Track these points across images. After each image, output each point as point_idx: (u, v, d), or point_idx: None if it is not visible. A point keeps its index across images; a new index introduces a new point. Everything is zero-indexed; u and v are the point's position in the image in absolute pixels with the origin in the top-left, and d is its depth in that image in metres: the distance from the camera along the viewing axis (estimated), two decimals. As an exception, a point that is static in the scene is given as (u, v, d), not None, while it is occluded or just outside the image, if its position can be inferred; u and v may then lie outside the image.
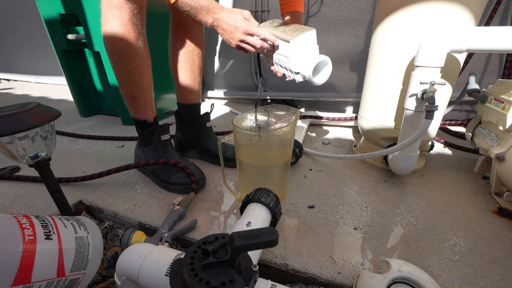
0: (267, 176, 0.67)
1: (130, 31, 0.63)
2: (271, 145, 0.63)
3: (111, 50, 0.65)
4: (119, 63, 0.67)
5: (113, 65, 0.68)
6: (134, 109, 0.75)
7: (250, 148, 0.64)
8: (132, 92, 0.71)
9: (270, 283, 0.39)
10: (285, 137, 0.62)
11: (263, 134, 0.63)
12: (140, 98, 0.73)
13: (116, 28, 0.62)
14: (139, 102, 0.73)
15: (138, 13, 0.63)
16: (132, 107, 0.74)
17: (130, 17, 0.62)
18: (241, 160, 0.66)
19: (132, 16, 0.62)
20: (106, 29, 0.63)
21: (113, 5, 0.60)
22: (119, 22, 0.62)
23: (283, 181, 0.70)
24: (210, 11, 0.61)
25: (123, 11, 0.61)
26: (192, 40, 0.82)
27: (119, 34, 0.62)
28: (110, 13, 0.61)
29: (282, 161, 0.65)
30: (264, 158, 0.64)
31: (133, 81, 0.69)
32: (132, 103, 0.73)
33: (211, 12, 0.62)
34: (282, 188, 0.71)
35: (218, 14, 0.62)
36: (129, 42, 0.64)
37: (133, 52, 0.65)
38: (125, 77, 0.69)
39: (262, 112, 0.68)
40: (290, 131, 0.62)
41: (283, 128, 0.59)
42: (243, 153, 0.65)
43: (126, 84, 0.70)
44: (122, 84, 0.70)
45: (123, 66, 0.67)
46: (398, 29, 0.74)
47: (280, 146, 0.64)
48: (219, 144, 0.63)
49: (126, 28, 0.62)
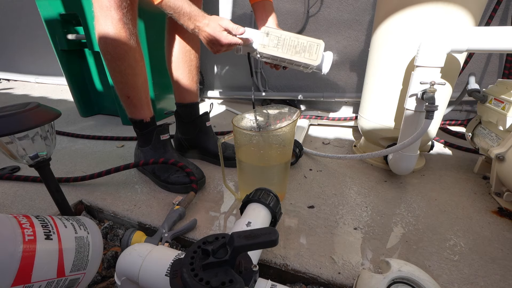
0: (267, 176, 0.67)
1: (121, 31, 0.63)
2: (271, 145, 0.63)
3: (104, 51, 0.65)
4: (112, 64, 0.67)
5: (107, 65, 0.68)
6: (130, 109, 0.75)
7: (250, 148, 0.64)
8: (127, 92, 0.71)
9: (270, 283, 0.39)
10: (285, 137, 0.62)
11: (263, 134, 0.63)
12: (135, 98, 0.73)
13: (107, 28, 0.62)
14: (134, 102, 0.73)
15: (128, 12, 0.63)
16: (128, 107, 0.75)
17: (120, 16, 0.62)
18: (241, 160, 0.66)
19: (122, 16, 0.62)
20: (98, 30, 0.63)
21: (103, 6, 0.60)
22: (110, 23, 0.62)
23: (283, 181, 0.70)
24: (191, 18, 0.63)
25: (113, 12, 0.61)
26: (189, 40, 0.82)
27: (110, 34, 0.63)
28: (101, 14, 0.62)
29: (282, 161, 0.65)
30: (264, 158, 0.64)
31: (126, 81, 0.70)
32: (128, 103, 0.73)
33: (193, 19, 0.63)
34: (282, 188, 0.71)
35: (199, 21, 0.63)
36: (121, 42, 0.64)
37: (125, 52, 0.66)
38: (118, 77, 0.69)
39: (262, 112, 0.69)
40: (290, 131, 0.61)
41: (283, 128, 0.59)
42: (243, 153, 0.65)
43: (120, 84, 0.70)
44: (117, 85, 0.71)
45: (116, 67, 0.67)
46: (398, 29, 0.74)
47: (280, 146, 0.64)
48: (219, 144, 0.63)
49: (117, 28, 0.63)
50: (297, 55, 0.66)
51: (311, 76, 1.50)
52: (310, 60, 0.67)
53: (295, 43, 0.66)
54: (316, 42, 0.66)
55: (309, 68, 0.70)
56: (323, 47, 0.66)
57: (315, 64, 0.67)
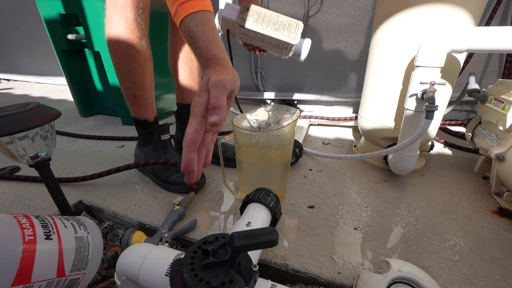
0: (267, 176, 0.66)
1: (135, 31, 0.63)
2: (271, 145, 0.63)
3: (114, 50, 0.65)
4: (122, 62, 0.67)
5: (116, 64, 0.68)
6: (135, 108, 0.75)
7: (250, 148, 0.64)
8: (134, 92, 0.71)
9: (270, 283, 0.39)
10: (285, 137, 0.62)
11: (263, 134, 0.63)
12: (142, 98, 0.73)
13: (121, 28, 0.62)
14: (140, 101, 0.73)
15: (143, 13, 0.63)
16: (133, 106, 0.75)
17: (135, 16, 0.62)
18: (241, 160, 0.65)
19: (137, 16, 0.62)
20: (110, 29, 0.63)
21: (118, 5, 0.60)
22: (124, 22, 0.62)
23: (283, 181, 0.70)
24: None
25: (129, 11, 0.61)
26: None
27: (123, 34, 0.63)
28: (114, 13, 0.61)
29: (282, 161, 0.65)
30: (264, 158, 0.64)
31: (135, 81, 0.70)
32: (134, 102, 0.74)
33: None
34: (282, 188, 0.71)
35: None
36: (133, 41, 0.64)
37: (136, 51, 0.66)
38: (127, 76, 0.69)
39: (262, 112, 0.69)
40: (290, 131, 0.61)
41: (283, 128, 0.59)
42: (243, 153, 0.65)
43: (128, 84, 0.70)
44: (124, 84, 0.71)
45: (125, 66, 0.67)
46: (398, 29, 0.74)
47: (280, 146, 0.64)
48: (219, 144, 0.63)
49: (130, 28, 0.63)
50: (276, 32, 0.66)
51: (311, 76, 1.50)
52: (289, 38, 0.66)
53: (275, 20, 0.66)
54: (296, 22, 0.66)
55: (288, 49, 0.69)
56: (301, 27, 0.66)
57: (293, 43, 0.66)
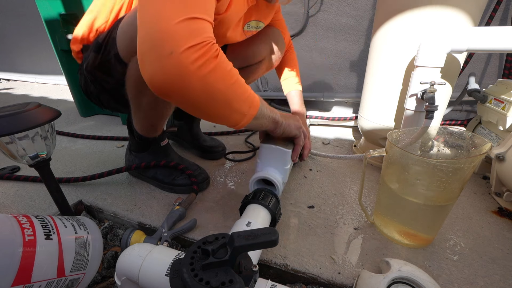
0: (416, 214, 0.53)
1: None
2: (434, 176, 0.47)
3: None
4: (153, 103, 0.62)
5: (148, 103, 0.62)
6: (147, 131, 0.72)
7: (403, 173, 0.51)
8: (153, 122, 0.69)
9: (270, 283, 0.39)
10: (461, 171, 0.46)
11: (441, 162, 0.46)
12: (159, 125, 0.71)
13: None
14: (156, 127, 0.71)
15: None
16: (145, 129, 0.71)
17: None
18: (386, 184, 0.54)
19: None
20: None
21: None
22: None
23: (434, 224, 0.54)
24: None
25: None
26: None
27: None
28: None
29: (439, 202, 0.50)
30: (417, 192, 0.51)
31: (162, 114, 0.67)
32: (149, 128, 0.71)
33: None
34: (430, 232, 0.56)
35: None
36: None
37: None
38: (153, 112, 0.65)
39: (436, 131, 0.54)
40: (472, 165, 0.45)
41: (467, 160, 0.44)
42: (392, 177, 0.53)
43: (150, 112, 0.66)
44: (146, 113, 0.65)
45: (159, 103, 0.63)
46: (398, 29, 0.74)
47: (445, 182, 0.47)
48: (364, 160, 0.54)
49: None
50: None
51: (311, 76, 1.50)
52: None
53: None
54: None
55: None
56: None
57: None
